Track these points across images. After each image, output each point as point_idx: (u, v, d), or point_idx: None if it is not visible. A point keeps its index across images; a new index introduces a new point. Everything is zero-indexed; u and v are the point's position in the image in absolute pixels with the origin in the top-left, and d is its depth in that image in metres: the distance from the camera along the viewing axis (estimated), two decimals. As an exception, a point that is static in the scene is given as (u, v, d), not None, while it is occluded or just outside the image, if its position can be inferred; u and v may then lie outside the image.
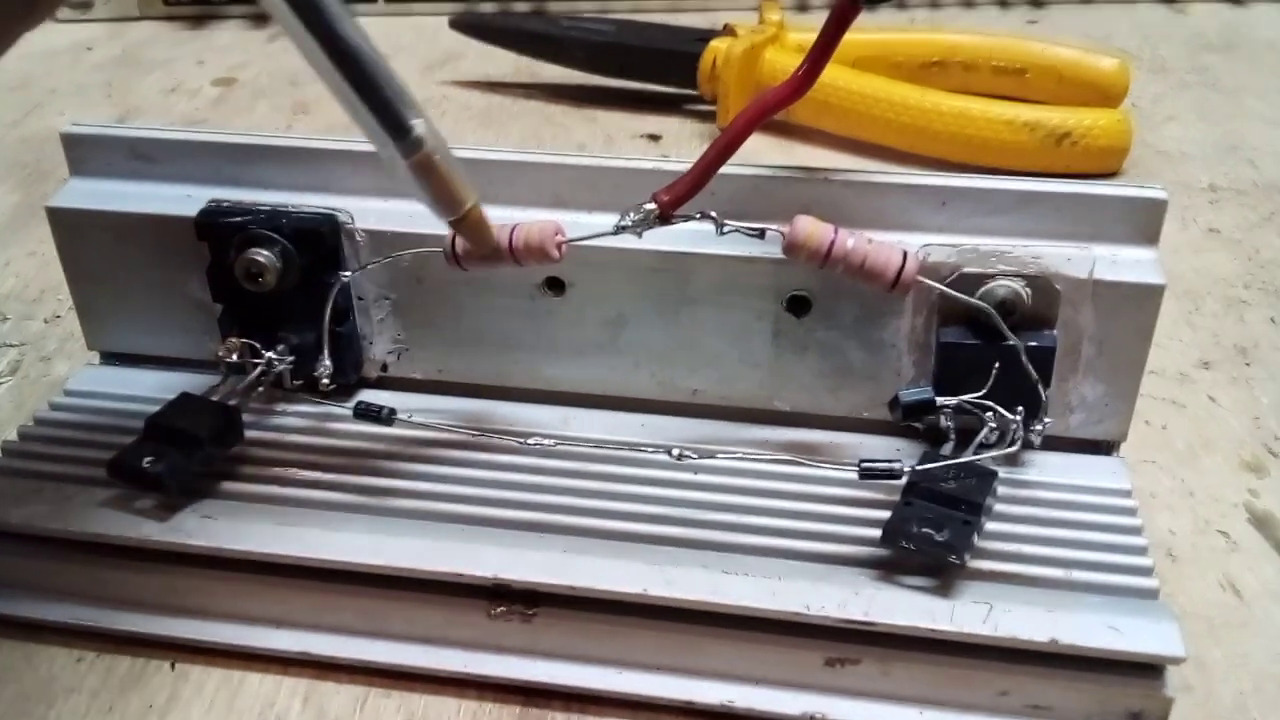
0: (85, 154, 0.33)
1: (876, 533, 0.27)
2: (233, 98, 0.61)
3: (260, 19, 0.72)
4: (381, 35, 0.68)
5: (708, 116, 0.57)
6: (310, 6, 0.20)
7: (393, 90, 0.22)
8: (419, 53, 0.67)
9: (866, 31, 0.58)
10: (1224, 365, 0.39)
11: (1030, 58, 0.55)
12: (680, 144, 0.54)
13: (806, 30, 0.56)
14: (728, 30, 0.57)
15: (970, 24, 0.69)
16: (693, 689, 0.27)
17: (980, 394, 0.29)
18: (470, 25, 0.61)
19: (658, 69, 0.58)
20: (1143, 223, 0.30)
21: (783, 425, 0.33)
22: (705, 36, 0.56)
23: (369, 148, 0.32)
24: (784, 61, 0.54)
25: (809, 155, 0.53)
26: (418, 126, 0.22)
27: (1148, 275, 0.29)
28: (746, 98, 0.53)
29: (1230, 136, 0.55)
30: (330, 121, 0.58)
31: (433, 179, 0.23)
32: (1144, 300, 0.29)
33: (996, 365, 0.29)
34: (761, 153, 0.54)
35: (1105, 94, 0.54)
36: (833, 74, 0.53)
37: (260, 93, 0.62)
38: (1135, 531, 0.29)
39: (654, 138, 0.56)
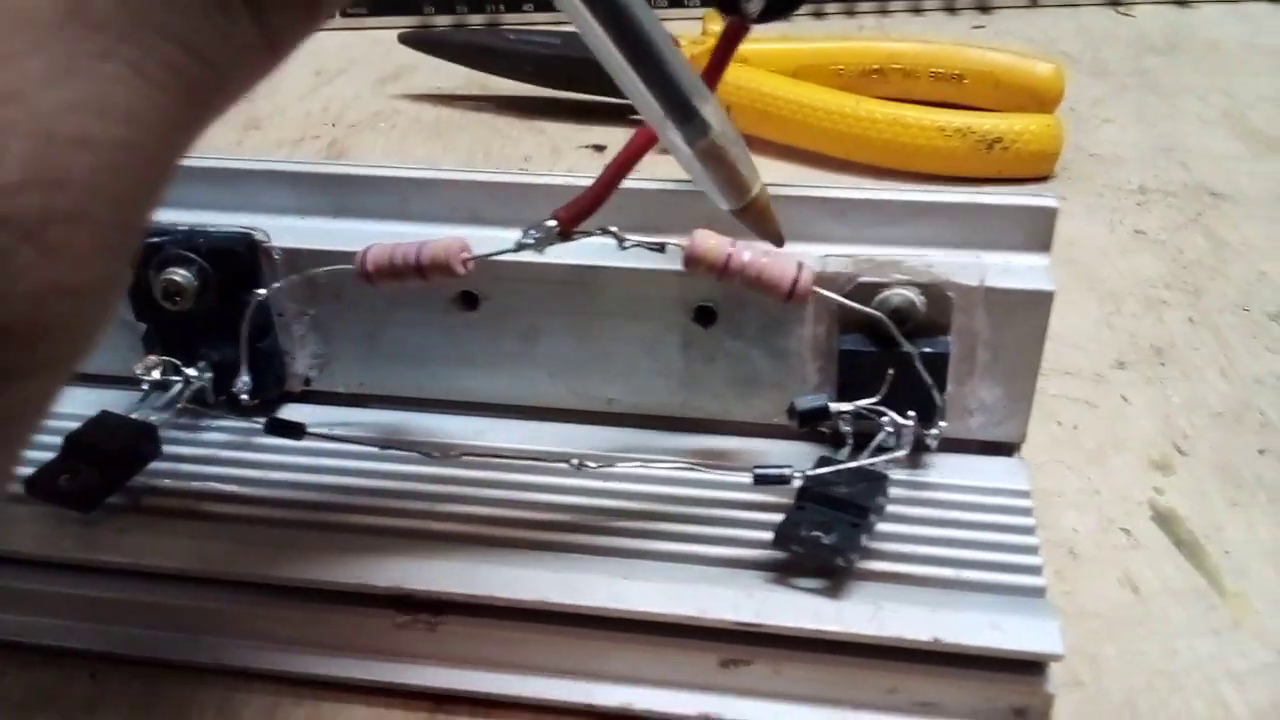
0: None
1: (771, 536, 0.28)
2: (186, 114, 0.62)
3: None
4: (336, 49, 0.69)
5: (652, 126, 0.58)
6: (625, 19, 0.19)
7: (682, 76, 0.21)
8: (373, 66, 0.67)
9: (808, 41, 0.58)
10: (1139, 365, 0.40)
11: (967, 64, 0.56)
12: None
13: (746, 41, 0.57)
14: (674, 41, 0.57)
15: (918, 30, 0.70)
16: (593, 692, 0.28)
17: (876, 400, 0.30)
18: (421, 40, 0.62)
19: (604, 80, 0.57)
20: (1035, 230, 0.31)
21: (696, 432, 0.34)
22: (648, 47, 0.57)
23: (284, 166, 0.33)
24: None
25: (748, 163, 0.54)
26: (706, 113, 0.21)
27: (1038, 282, 0.30)
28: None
29: (1165, 138, 0.56)
30: (281, 137, 0.59)
31: (720, 166, 0.23)
32: (1035, 306, 0.30)
33: (891, 371, 0.30)
34: (703, 161, 0.55)
35: (1041, 99, 0.55)
36: (771, 83, 0.54)
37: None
38: (1028, 531, 0.29)
39: (599, 148, 0.56)
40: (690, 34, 0.58)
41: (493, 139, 0.58)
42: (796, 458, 0.32)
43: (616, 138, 0.57)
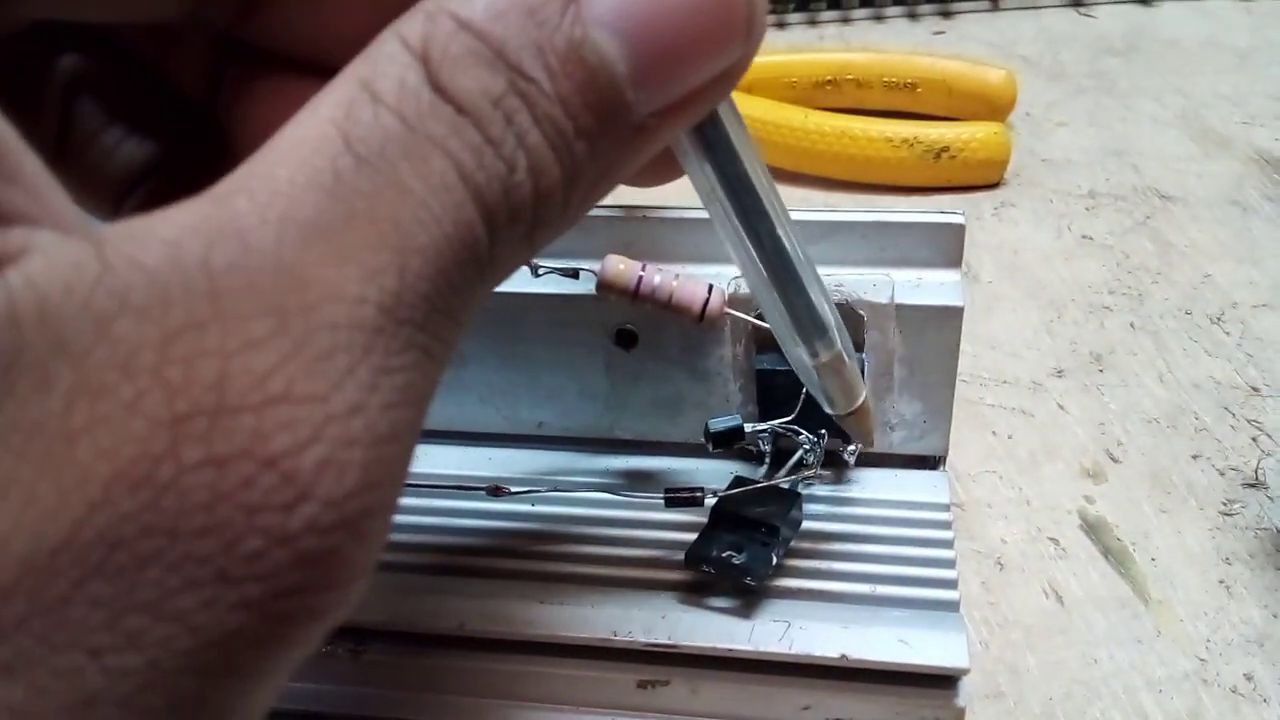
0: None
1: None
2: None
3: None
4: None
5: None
6: (757, 213, 0.20)
7: (818, 299, 0.22)
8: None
9: (762, 53, 0.59)
10: (1077, 373, 0.40)
11: (920, 73, 0.56)
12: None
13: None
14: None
15: (880, 37, 0.70)
16: (514, 716, 0.29)
17: (790, 418, 0.30)
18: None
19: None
20: (945, 247, 0.31)
21: (626, 453, 0.34)
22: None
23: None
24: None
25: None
26: (833, 333, 0.23)
27: (949, 298, 0.30)
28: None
29: (1117, 141, 0.56)
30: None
31: (836, 379, 0.24)
32: (946, 321, 0.30)
33: (805, 391, 0.30)
34: (658, 177, 0.55)
35: (993, 105, 0.55)
36: (722, 98, 0.54)
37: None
38: (946, 545, 0.30)
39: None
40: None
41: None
42: (723, 476, 0.32)
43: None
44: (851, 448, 0.31)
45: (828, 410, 0.25)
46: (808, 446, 0.30)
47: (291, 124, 0.14)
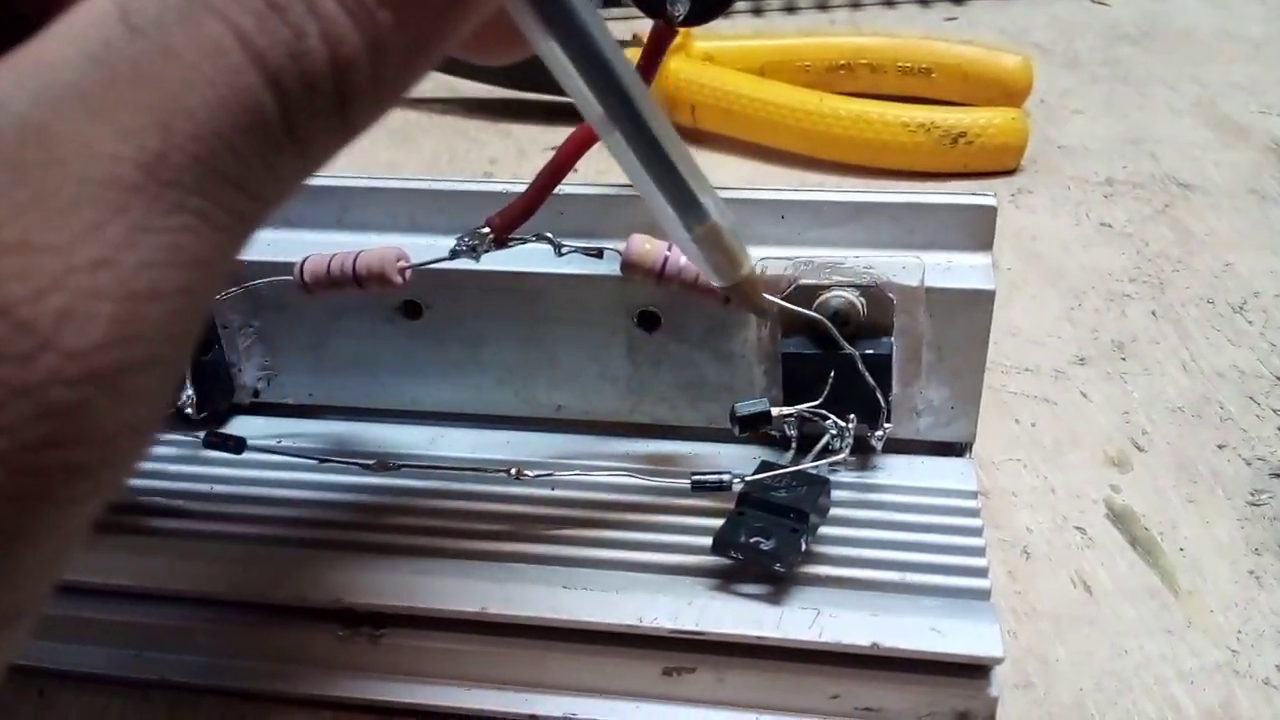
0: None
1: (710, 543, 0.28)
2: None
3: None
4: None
5: (619, 127, 0.57)
6: (612, 89, 0.19)
7: (685, 168, 0.22)
8: (343, 71, 0.67)
9: (775, 38, 0.58)
10: (1099, 361, 0.40)
11: (935, 58, 0.56)
12: (590, 154, 0.55)
13: (713, 39, 0.57)
14: (636, 41, 0.57)
15: (891, 23, 0.70)
16: (536, 703, 0.28)
17: (818, 402, 0.30)
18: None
19: (569, 81, 0.58)
20: (975, 230, 0.30)
21: (647, 438, 0.33)
22: (614, 48, 0.57)
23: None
24: (688, 71, 0.54)
25: (713, 161, 0.54)
26: (705, 201, 0.22)
27: (979, 281, 0.30)
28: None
29: (1135, 129, 0.55)
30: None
31: (715, 249, 0.23)
32: (976, 305, 0.30)
33: (834, 374, 0.30)
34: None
35: (1009, 91, 0.55)
36: (736, 81, 0.54)
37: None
38: (974, 533, 0.29)
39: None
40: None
41: (458, 142, 0.58)
42: (745, 462, 0.31)
43: (584, 139, 0.57)
44: (880, 432, 0.30)
45: (715, 283, 0.24)
46: (834, 431, 0.30)
47: (74, 7, 0.14)
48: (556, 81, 0.19)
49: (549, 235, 0.29)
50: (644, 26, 0.28)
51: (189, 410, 0.32)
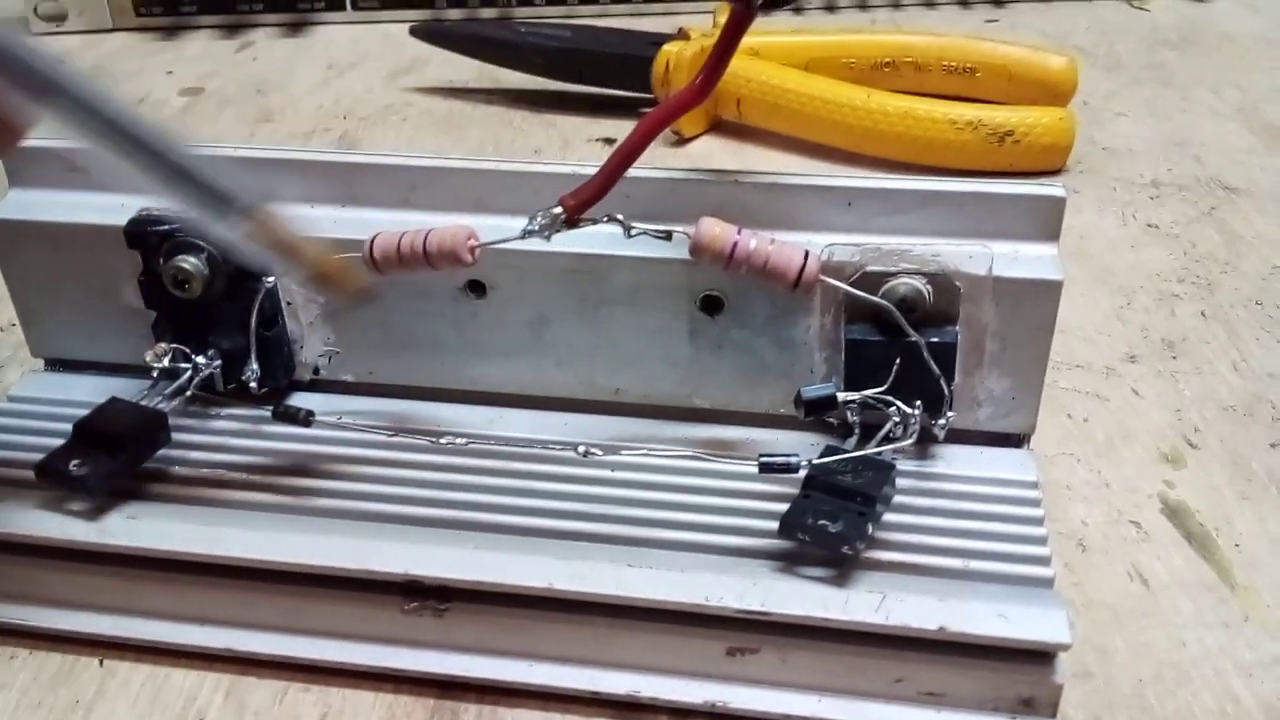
0: (23, 166, 0.34)
1: (777, 526, 0.28)
2: (199, 108, 0.62)
3: (229, 30, 0.73)
4: (348, 43, 0.69)
5: (663, 119, 0.58)
6: (129, 137, 0.21)
7: (203, 169, 0.22)
8: (385, 59, 0.67)
9: (820, 34, 0.58)
10: (1150, 359, 0.40)
11: (980, 57, 0.56)
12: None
13: (758, 34, 0.57)
14: (681, 34, 0.57)
15: (931, 23, 0.70)
16: (599, 679, 0.28)
17: (883, 389, 0.30)
18: (431, 33, 0.62)
19: (613, 73, 0.58)
20: (1043, 220, 0.30)
21: (703, 422, 0.33)
22: (659, 41, 0.57)
23: (293, 155, 0.34)
24: (734, 65, 0.54)
25: (759, 156, 0.54)
26: (243, 198, 0.23)
27: (1047, 271, 0.30)
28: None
29: (1179, 132, 0.56)
30: (293, 130, 0.59)
31: (278, 243, 0.24)
32: (1043, 296, 0.30)
33: (898, 361, 0.30)
34: (714, 154, 0.55)
35: (1054, 92, 0.55)
36: (781, 76, 0.54)
37: (226, 102, 0.63)
38: (1036, 522, 0.29)
39: (609, 141, 0.56)
40: (701, 27, 0.58)
41: (503, 132, 0.58)
42: (802, 448, 0.31)
43: (626, 130, 0.57)
44: (942, 421, 0.30)
45: (296, 281, 0.25)
46: (897, 419, 0.30)
47: None
48: (599, 74, 0.20)
49: (619, 217, 0.30)
50: (687, 20, 0.28)
51: (253, 384, 0.32)
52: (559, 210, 0.29)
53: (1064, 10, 0.71)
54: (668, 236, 0.30)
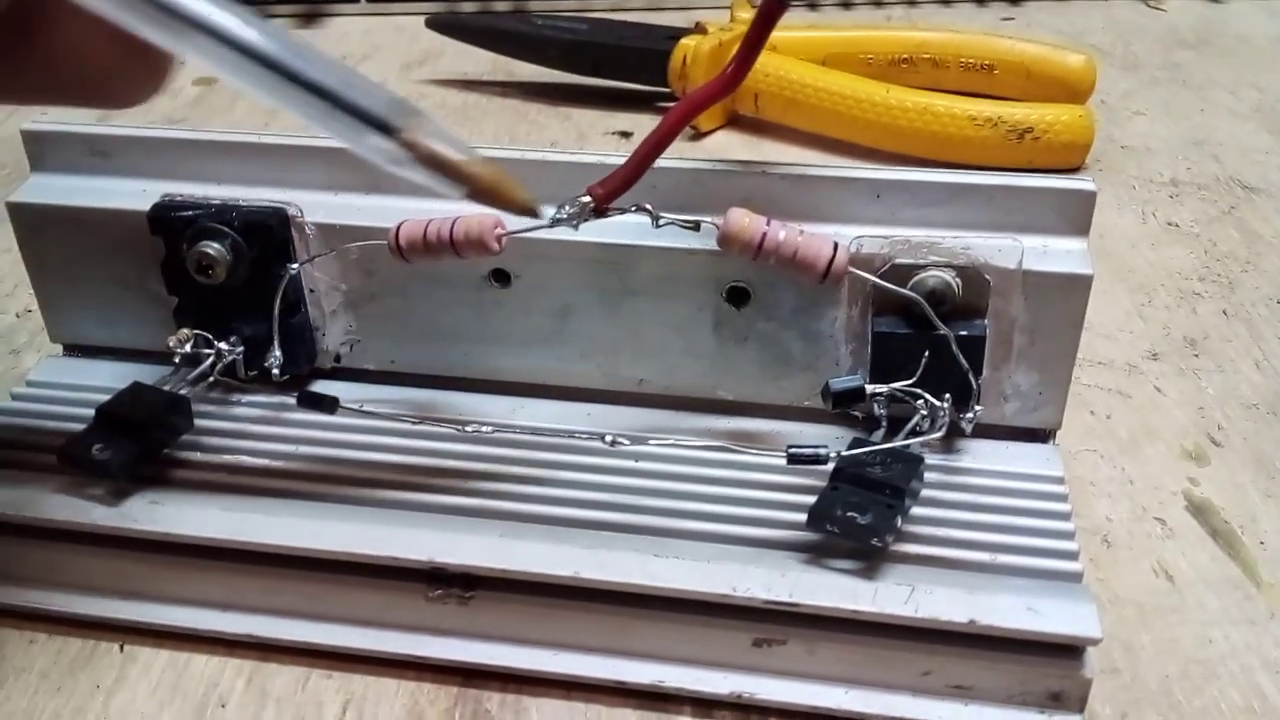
0: (45, 150, 0.34)
1: (805, 517, 0.28)
2: (212, 97, 0.62)
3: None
4: (362, 34, 0.69)
5: (679, 113, 0.58)
6: (264, 59, 0.21)
7: (354, 84, 0.22)
8: (399, 51, 0.67)
9: (837, 29, 0.58)
10: (1172, 356, 0.40)
11: (998, 54, 0.56)
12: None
13: (778, 29, 0.57)
14: (699, 28, 0.57)
15: (947, 20, 0.70)
16: (624, 669, 0.28)
17: (911, 382, 0.30)
18: (446, 25, 0.62)
19: (630, 67, 0.58)
20: (1073, 214, 0.30)
21: (727, 414, 0.33)
22: (676, 35, 0.57)
23: (317, 142, 0.33)
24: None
25: (776, 151, 0.54)
26: (396, 117, 0.22)
27: (1076, 266, 0.30)
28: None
29: (1197, 131, 0.55)
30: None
31: (440, 155, 0.23)
32: (1073, 290, 0.30)
33: (927, 354, 0.30)
34: (731, 149, 0.55)
35: (1072, 90, 0.55)
36: (800, 71, 0.54)
37: (239, 92, 0.62)
38: (1063, 517, 0.29)
39: (625, 134, 0.56)
40: (718, 21, 0.58)
41: (519, 125, 0.58)
42: (829, 440, 0.31)
43: (643, 124, 0.57)
44: (970, 414, 0.30)
45: (459, 197, 0.24)
46: (925, 412, 0.30)
47: None
48: (615, 67, 0.20)
49: (648, 206, 0.29)
50: (704, 14, 0.28)
51: (275, 371, 0.32)
52: (587, 199, 0.29)
53: (1080, 9, 0.71)
54: (696, 227, 0.30)
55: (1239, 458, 0.35)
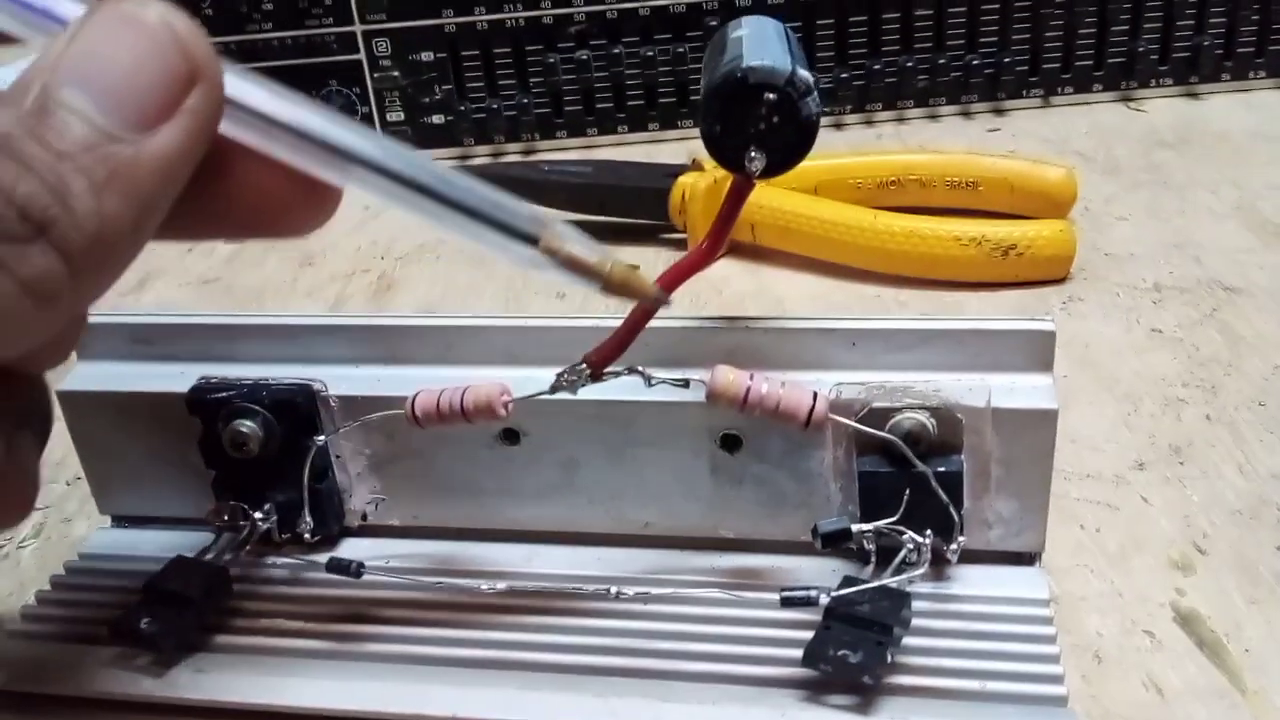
0: (90, 340, 0.37)
1: (801, 655, 0.30)
2: (245, 253, 0.66)
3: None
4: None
5: (681, 244, 0.61)
6: (410, 183, 0.24)
7: (491, 197, 0.25)
8: (416, 197, 0.71)
9: (826, 157, 0.61)
10: (1158, 465, 0.41)
11: (981, 172, 0.59)
12: (658, 270, 0.58)
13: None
14: (695, 165, 0.61)
15: (935, 134, 0.73)
16: (638, 813, 0.30)
17: (895, 519, 0.32)
18: (459, 172, 0.66)
19: (633, 205, 0.61)
20: (1036, 353, 0.33)
21: (729, 551, 0.35)
22: (675, 172, 0.60)
23: (339, 320, 0.36)
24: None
25: (774, 275, 0.57)
26: (527, 225, 0.25)
27: (1042, 401, 0.32)
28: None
29: (1178, 234, 0.58)
30: (334, 271, 0.62)
31: (574, 253, 0.26)
32: (1040, 424, 0.32)
33: (909, 491, 0.32)
34: (731, 277, 0.58)
35: (1054, 203, 0.57)
36: (792, 201, 0.57)
37: (270, 247, 0.66)
38: (1049, 640, 0.31)
39: (633, 267, 0.59)
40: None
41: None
42: (825, 573, 0.33)
43: (648, 257, 0.60)
44: (954, 545, 0.32)
45: (596, 289, 0.27)
46: (911, 547, 0.32)
47: None
48: (620, 206, 0.24)
49: (639, 369, 0.32)
50: (699, 145, 0.31)
51: (306, 535, 0.35)
52: (583, 366, 0.32)
53: (1063, 115, 0.74)
54: (685, 384, 0.32)
55: (1224, 564, 0.37)
